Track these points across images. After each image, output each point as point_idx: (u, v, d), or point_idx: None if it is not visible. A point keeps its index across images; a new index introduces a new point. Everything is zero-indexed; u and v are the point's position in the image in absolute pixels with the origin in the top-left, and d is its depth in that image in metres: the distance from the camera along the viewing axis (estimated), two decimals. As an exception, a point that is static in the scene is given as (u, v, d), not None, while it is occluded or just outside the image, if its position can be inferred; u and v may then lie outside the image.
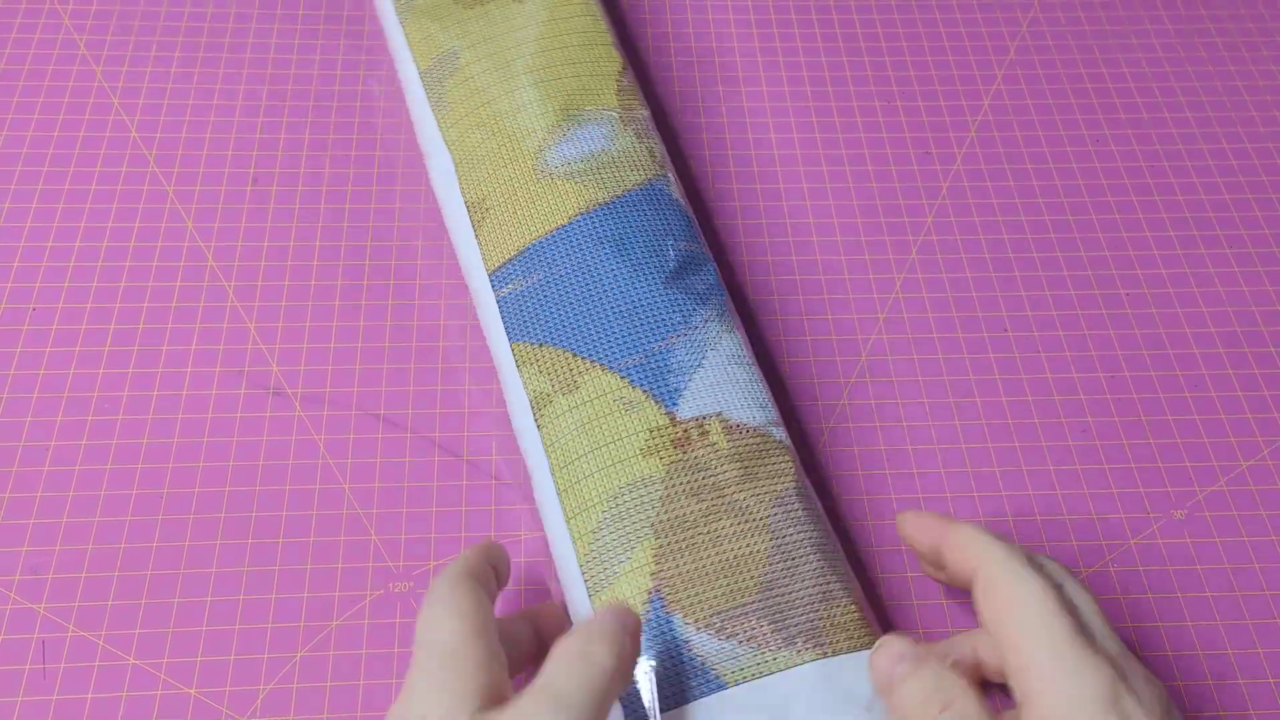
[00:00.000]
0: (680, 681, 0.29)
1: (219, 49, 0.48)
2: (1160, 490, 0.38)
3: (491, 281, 0.37)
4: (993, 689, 0.33)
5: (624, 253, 0.36)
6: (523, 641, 0.31)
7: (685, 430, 0.33)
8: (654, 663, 0.30)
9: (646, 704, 0.29)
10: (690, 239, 0.38)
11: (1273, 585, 0.37)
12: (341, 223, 0.43)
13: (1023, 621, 0.27)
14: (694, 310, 0.36)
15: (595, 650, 0.26)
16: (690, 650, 0.30)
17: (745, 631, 0.30)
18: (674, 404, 0.34)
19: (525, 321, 0.36)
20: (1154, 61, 0.50)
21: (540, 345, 0.35)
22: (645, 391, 0.34)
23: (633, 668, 0.28)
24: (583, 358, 0.34)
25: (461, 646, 0.26)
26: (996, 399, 0.40)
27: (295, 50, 0.48)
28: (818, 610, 0.30)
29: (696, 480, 0.32)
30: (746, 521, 0.32)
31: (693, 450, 0.33)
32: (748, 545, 0.31)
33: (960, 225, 0.45)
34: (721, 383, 0.34)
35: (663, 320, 0.35)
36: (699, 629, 0.30)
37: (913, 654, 0.28)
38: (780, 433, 0.34)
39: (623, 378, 0.34)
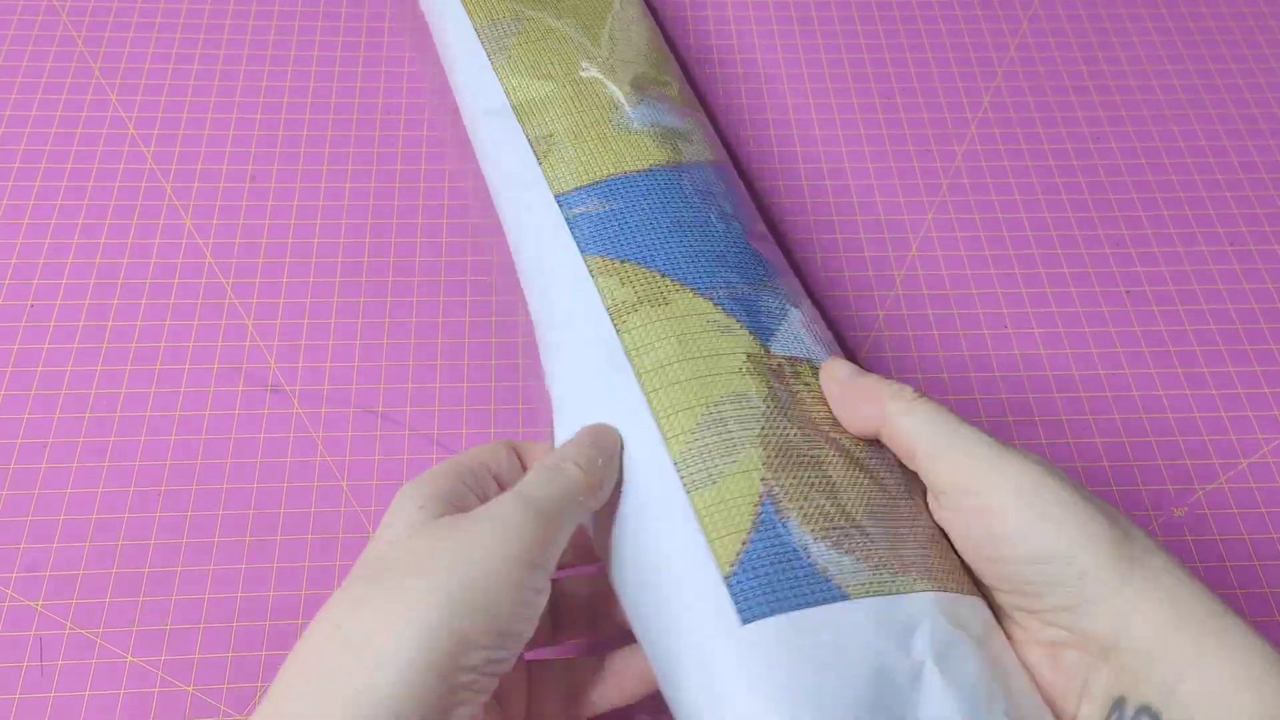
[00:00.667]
0: (799, 585, 0.27)
1: (216, 45, 0.48)
2: (1160, 488, 0.38)
3: (560, 203, 0.35)
4: None
5: (710, 204, 0.35)
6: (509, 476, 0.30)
7: (780, 364, 0.32)
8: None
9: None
10: (758, 221, 0.38)
11: (1273, 583, 0.36)
12: (340, 220, 0.43)
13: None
14: (775, 273, 0.35)
15: (568, 464, 0.28)
16: (809, 556, 0.27)
17: (863, 549, 0.28)
18: (768, 339, 0.32)
19: (604, 238, 0.34)
20: (1154, 59, 0.50)
21: (622, 261, 0.33)
22: (739, 321, 0.32)
23: (607, 485, 0.29)
24: (671, 279, 0.33)
25: (428, 474, 0.28)
26: (997, 396, 0.40)
27: (293, 47, 0.48)
28: (926, 549, 0.29)
29: (795, 411, 0.31)
30: (845, 456, 0.30)
31: (787, 382, 0.31)
32: (853, 477, 0.30)
33: (960, 223, 0.44)
34: (805, 336, 0.33)
35: (750, 269, 0.34)
36: (816, 537, 0.28)
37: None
38: None
39: (715, 304, 0.33)
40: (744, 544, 0.28)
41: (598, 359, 0.32)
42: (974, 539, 0.27)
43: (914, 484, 0.30)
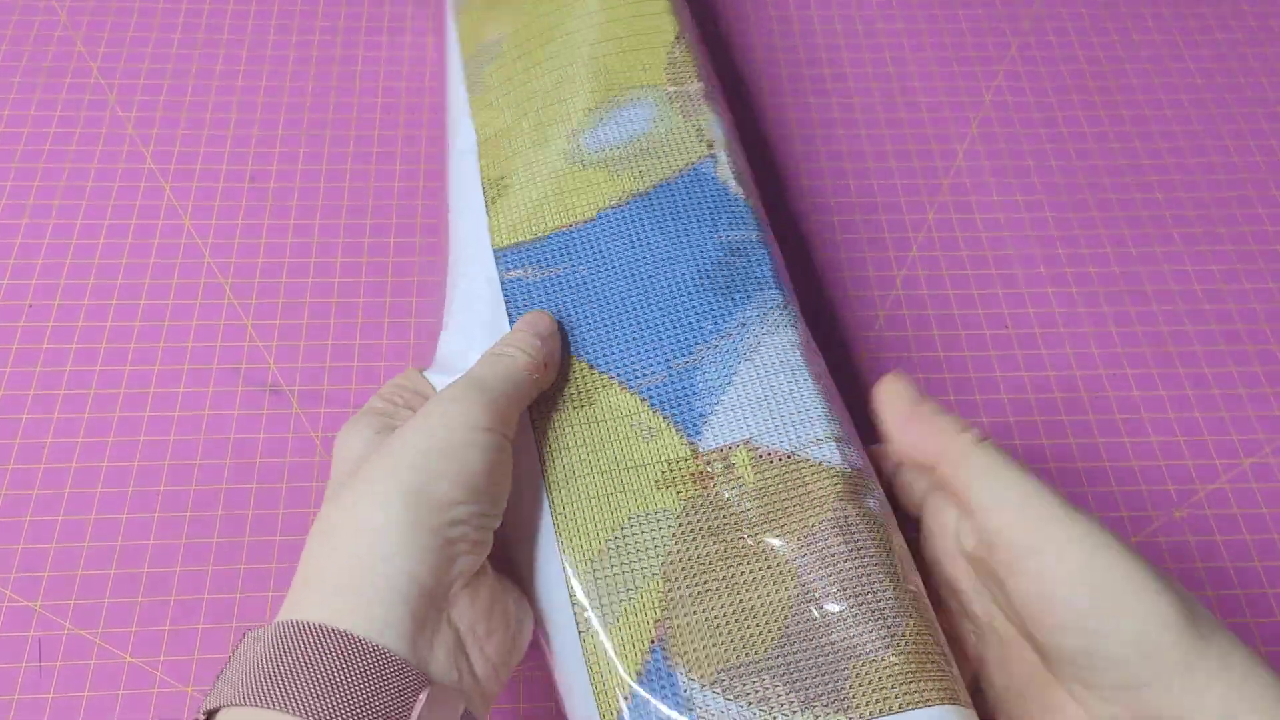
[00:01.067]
0: None
1: (215, 45, 0.48)
2: (1162, 488, 0.38)
3: (498, 260, 0.33)
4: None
5: (652, 253, 0.33)
6: None
7: (708, 462, 0.30)
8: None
9: None
10: (738, 225, 0.34)
11: (1274, 583, 0.36)
12: (339, 220, 0.43)
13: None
14: (729, 314, 0.32)
15: (508, 348, 0.29)
16: (692, 711, 0.26)
17: (756, 692, 0.26)
18: (697, 433, 0.30)
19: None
20: (1156, 59, 0.50)
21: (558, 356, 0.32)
22: (666, 418, 0.30)
23: (549, 364, 0.30)
24: (600, 372, 0.31)
25: (358, 414, 0.29)
26: (998, 397, 0.40)
27: (292, 47, 0.48)
28: (845, 667, 0.26)
29: (716, 519, 0.29)
30: (769, 566, 0.28)
31: (715, 486, 0.29)
32: (768, 594, 0.27)
33: (960, 223, 0.44)
34: (753, 402, 0.30)
35: (691, 330, 0.32)
36: (704, 687, 0.26)
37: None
38: (826, 450, 0.29)
39: (643, 400, 0.31)
40: (628, 698, 0.26)
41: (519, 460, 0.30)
42: (1031, 602, 0.24)
43: (902, 562, 0.28)
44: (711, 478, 0.29)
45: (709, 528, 0.29)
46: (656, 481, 0.29)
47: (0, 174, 0.43)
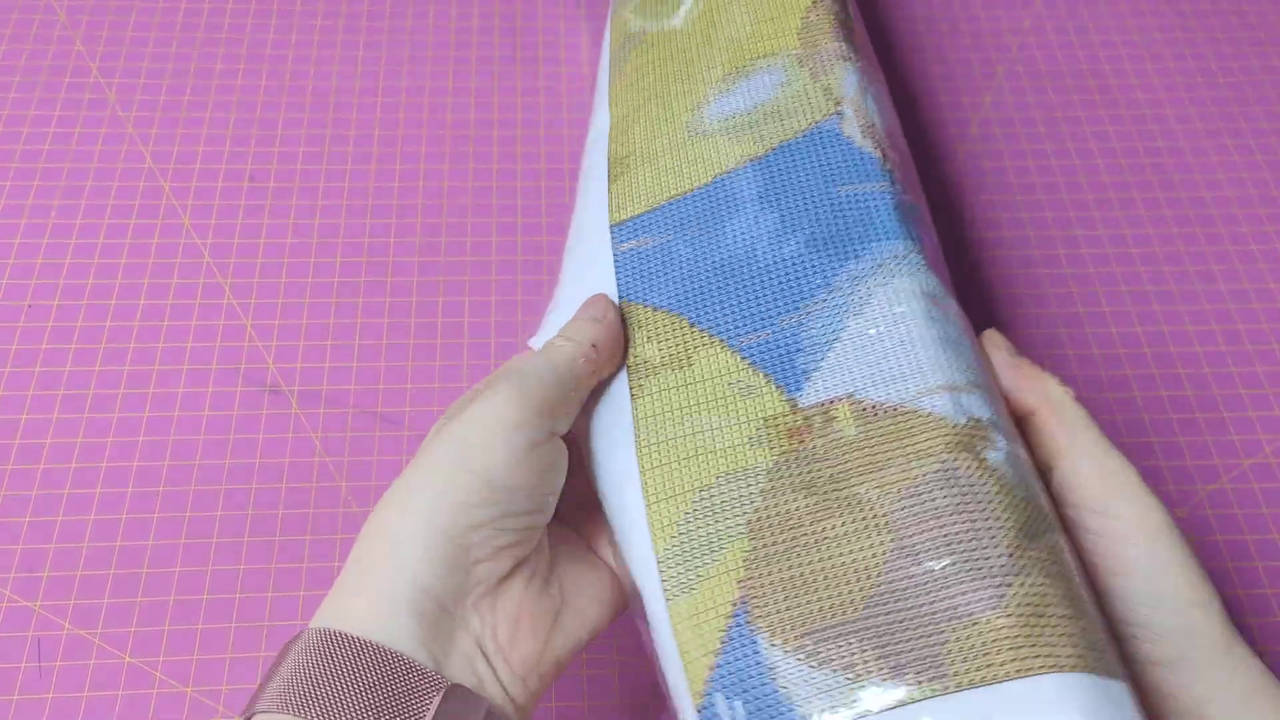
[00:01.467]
0: (760, 716, 0.24)
1: (214, 44, 0.48)
2: (1162, 488, 0.38)
3: (613, 235, 0.33)
4: None
5: (763, 212, 0.32)
6: None
7: (807, 418, 0.28)
8: (738, 701, 0.25)
9: None
10: (861, 178, 0.33)
11: (1274, 583, 0.36)
12: (339, 219, 0.43)
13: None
14: (839, 268, 0.31)
15: (558, 339, 0.28)
16: (774, 679, 0.24)
17: (842, 656, 0.24)
18: (798, 389, 0.29)
19: (642, 281, 0.32)
20: (1156, 58, 0.50)
21: (655, 309, 0.31)
22: (766, 376, 0.29)
23: (606, 347, 0.29)
24: (701, 329, 0.30)
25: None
26: (997, 396, 0.40)
27: (291, 46, 0.48)
28: (942, 630, 0.24)
29: (811, 473, 0.27)
30: (863, 520, 0.26)
31: (811, 440, 0.28)
32: (860, 547, 0.26)
33: (961, 225, 0.44)
34: (860, 355, 0.29)
35: (799, 287, 0.30)
36: (787, 652, 0.24)
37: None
38: (938, 401, 0.27)
39: (744, 358, 0.30)
40: (711, 668, 0.25)
41: (610, 418, 0.30)
42: (1095, 563, 0.26)
43: (1034, 521, 0.26)
44: (809, 431, 0.28)
45: (802, 483, 0.27)
46: (750, 439, 0.28)
47: (0, 173, 0.44)
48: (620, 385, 0.30)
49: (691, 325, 0.30)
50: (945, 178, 0.46)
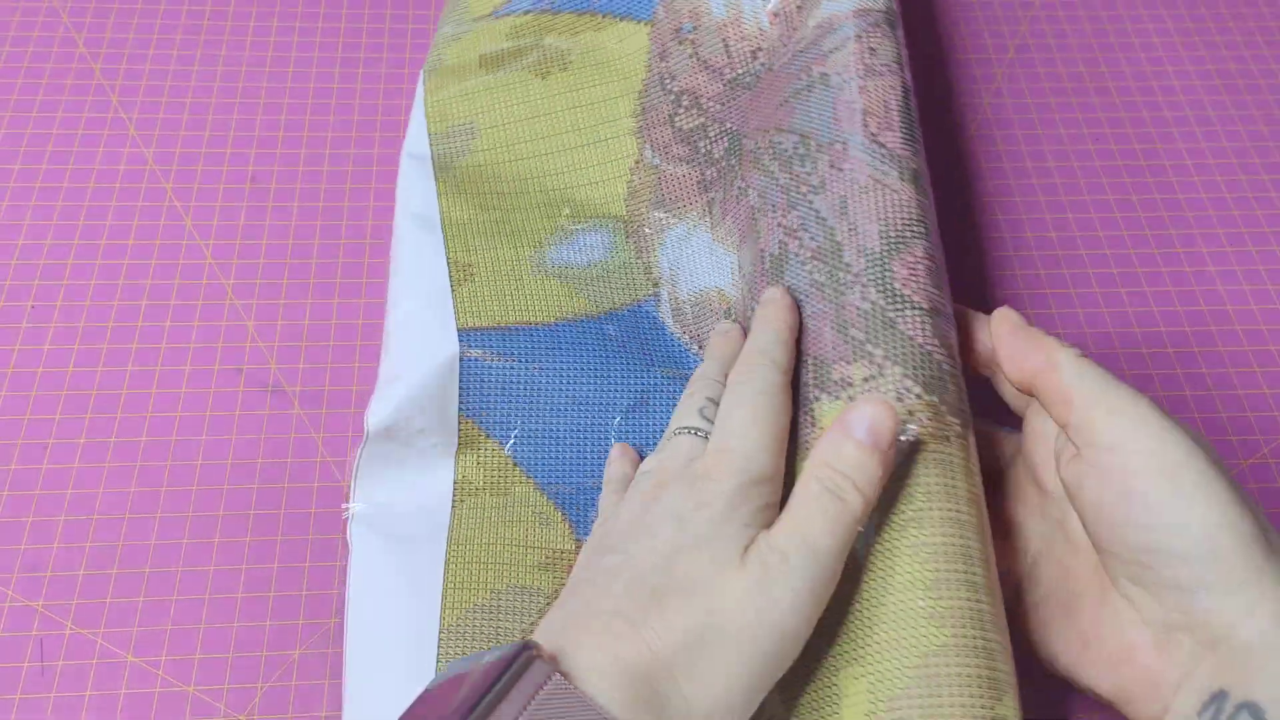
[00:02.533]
0: None
1: (217, 46, 0.48)
2: (1160, 488, 0.38)
3: (461, 339, 0.37)
4: None
5: (591, 373, 0.36)
6: None
7: None
8: None
9: None
10: (670, 362, 0.37)
11: (1273, 583, 0.36)
12: (340, 220, 0.43)
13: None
14: (647, 445, 0.36)
15: (849, 489, 0.25)
16: None
17: None
18: (585, 531, 0.34)
19: (480, 398, 0.36)
20: (1155, 60, 0.50)
21: (488, 436, 0.36)
22: (564, 515, 0.35)
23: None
24: (521, 469, 0.35)
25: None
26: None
27: (294, 48, 0.48)
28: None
29: None
30: None
31: None
32: None
33: (960, 229, 0.44)
34: None
35: (603, 448, 0.36)
36: None
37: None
38: None
39: (549, 499, 0.35)
40: None
41: (419, 520, 0.34)
42: (1106, 500, 0.25)
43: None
44: None
45: None
46: (538, 565, 0.34)
47: (3, 175, 0.44)
48: (442, 497, 0.35)
49: (514, 464, 0.36)
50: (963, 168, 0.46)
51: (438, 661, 0.31)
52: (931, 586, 0.25)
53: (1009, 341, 0.29)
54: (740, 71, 0.39)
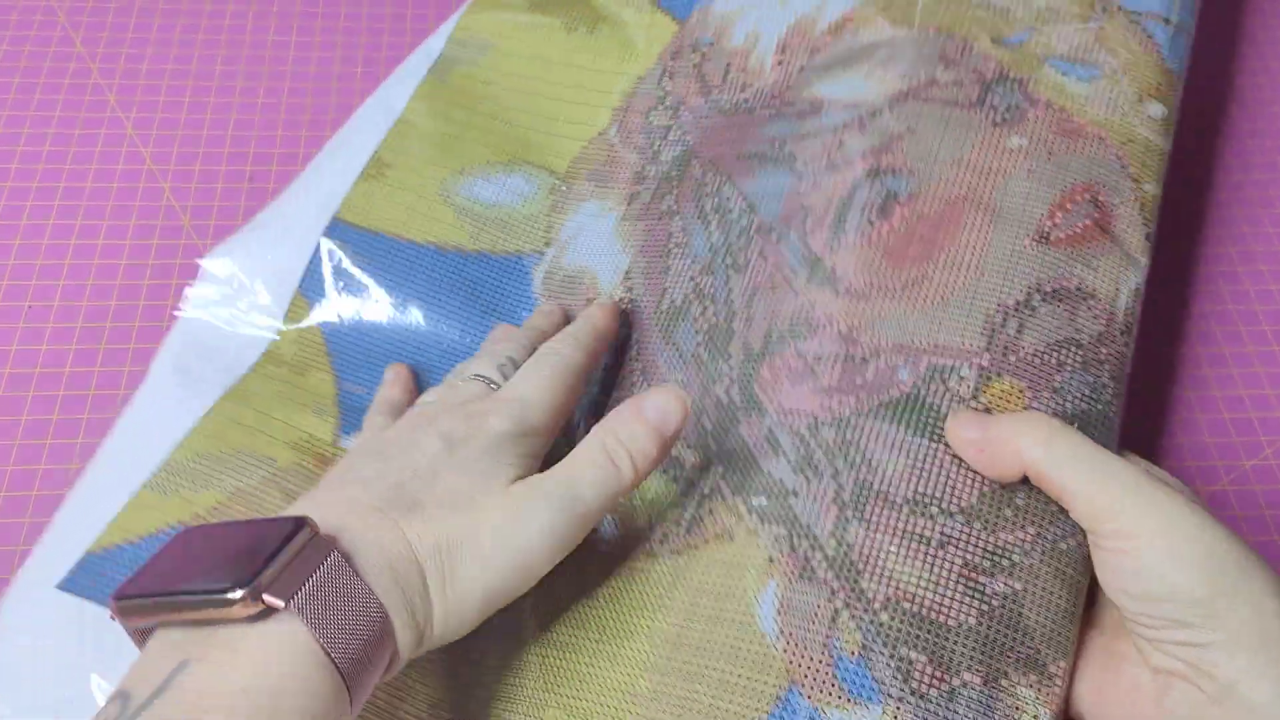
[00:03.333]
0: None
1: (214, 45, 0.48)
2: (1162, 490, 0.38)
3: (331, 225, 0.39)
4: None
5: (425, 304, 0.38)
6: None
7: (335, 457, 0.35)
8: None
9: None
10: (512, 320, 0.38)
11: (1275, 585, 0.36)
12: (338, 220, 0.43)
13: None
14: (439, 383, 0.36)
15: (624, 459, 0.27)
16: None
17: None
18: (347, 437, 0.36)
19: (316, 282, 0.38)
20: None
21: (313, 320, 0.38)
22: (338, 415, 0.36)
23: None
24: (330, 360, 0.37)
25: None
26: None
27: (292, 47, 0.48)
28: None
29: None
30: None
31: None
32: None
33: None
34: None
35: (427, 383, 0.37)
36: None
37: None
38: None
39: (335, 397, 0.37)
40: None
41: (222, 368, 0.37)
42: (1112, 574, 0.25)
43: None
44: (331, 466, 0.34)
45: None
46: (290, 443, 0.35)
47: (0, 175, 0.43)
48: (246, 347, 0.37)
49: (327, 353, 0.37)
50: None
51: (143, 487, 0.33)
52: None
53: (976, 459, 0.27)
54: (724, 97, 0.39)
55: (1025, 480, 0.27)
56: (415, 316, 0.38)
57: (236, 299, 0.38)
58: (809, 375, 0.30)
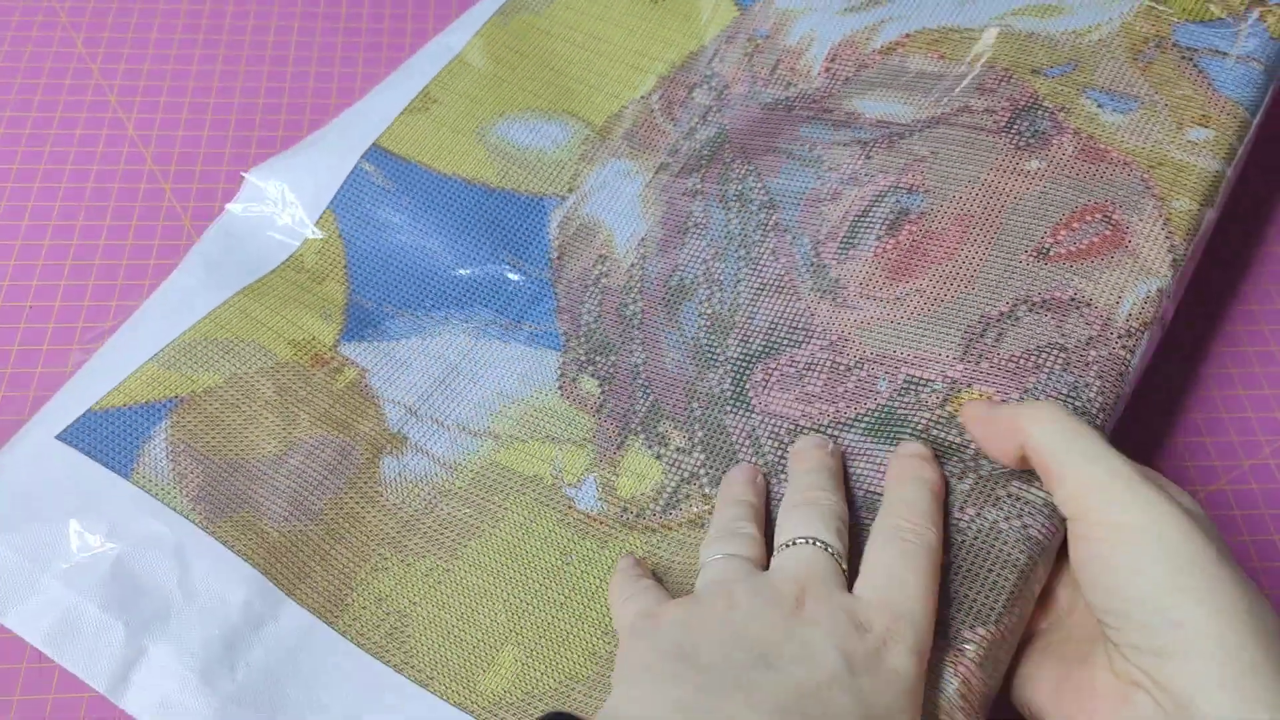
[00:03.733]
0: None
1: (215, 46, 0.48)
2: (1161, 489, 0.38)
3: (370, 151, 0.40)
4: None
5: (445, 230, 0.39)
6: None
7: (332, 359, 0.36)
8: None
9: None
10: (530, 265, 0.38)
11: (1274, 585, 0.36)
12: (339, 220, 0.43)
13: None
14: (464, 312, 0.38)
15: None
16: None
17: None
18: (347, 344, 0.37)
19: (350, 206, 0.39)
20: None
21: (340, 233, 0.39)
22: (343, 320, 0.37)
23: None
24: (347, 271, 0.39)
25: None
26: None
27: (293, 48, 0.48)
28: None
29: (307, 391, 0.36)
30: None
31: (318, 374, 0.36)
32: None
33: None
34: (417, 362, 0.37)
35: (427, 294, 0.38)
36: None
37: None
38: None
39: (345, 305, 0.38)
40: None
41: (248, 262, 0.38)
42: (1087, 565, 0.25)
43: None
44: (324, 367, 0.36)
45: (302, 398, 0.35)
46: (291, 341, 0.36)
47: (1, 175, 0.44)
48: (275, 251, 0.39)
49: (345, 264, 0.39)
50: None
51: (150, 360, 0.35)
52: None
53: (983, 436, 0.28)
54: (768, 91, 0.41)
55: (1006, 471, 0.28)
56: (433, 242, 0.39)
57: (275, 212, 0.40)
58: (797, 381, 0.33)
